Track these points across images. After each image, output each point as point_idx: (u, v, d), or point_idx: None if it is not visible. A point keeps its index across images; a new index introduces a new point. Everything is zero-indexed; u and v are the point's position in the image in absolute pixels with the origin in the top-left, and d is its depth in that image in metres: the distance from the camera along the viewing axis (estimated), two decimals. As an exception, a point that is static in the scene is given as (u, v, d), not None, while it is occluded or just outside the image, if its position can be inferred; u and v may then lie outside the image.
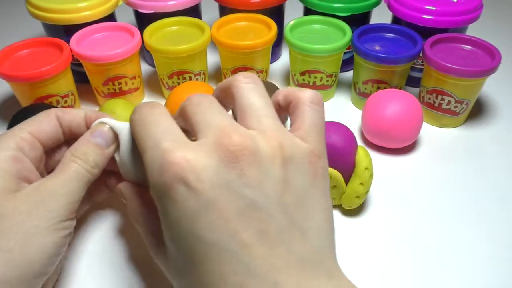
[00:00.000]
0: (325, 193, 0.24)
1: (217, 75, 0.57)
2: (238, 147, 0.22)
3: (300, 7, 0.56)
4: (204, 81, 0.52)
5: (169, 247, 0.24)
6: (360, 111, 0.50)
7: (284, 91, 0.27)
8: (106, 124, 0.31)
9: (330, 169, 0.35)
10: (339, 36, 0.49)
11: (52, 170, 0.29)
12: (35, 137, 0.29)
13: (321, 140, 0.25)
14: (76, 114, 0.32)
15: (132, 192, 0.30)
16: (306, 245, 0.22)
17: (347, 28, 0.49)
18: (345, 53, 0.50)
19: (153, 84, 0.56)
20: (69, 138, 0.32)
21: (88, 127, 0.32)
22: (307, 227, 0.23)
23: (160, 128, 0.24)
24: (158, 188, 0.22)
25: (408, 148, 0.45)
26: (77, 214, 0.33)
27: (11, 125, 0.41)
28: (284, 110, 0.28)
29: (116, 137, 0.31)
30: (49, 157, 0.32)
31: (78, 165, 0.29)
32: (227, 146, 0.22)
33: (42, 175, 0.30)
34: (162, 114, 0.25)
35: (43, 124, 0.30)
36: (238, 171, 0.22)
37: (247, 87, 0.26)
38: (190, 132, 0.26)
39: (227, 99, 0.27)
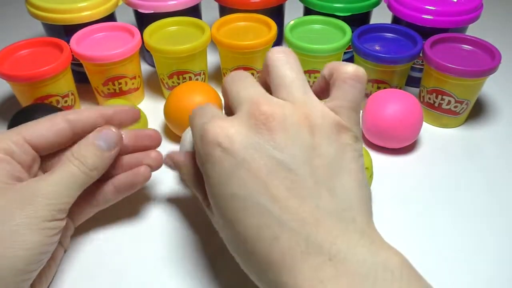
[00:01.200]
0: (357, 166, 0.25)
1: (217, 75, 0.57)
2: (266, 115, 0.24)
3: (300, 7, 0.56)
4: (204, 81, 0.52)
5: (212, 205, 0.26)
6: (360, 111, 0.50)
7: (329, 64, 0.28)
8: (111, 128, 0.31)
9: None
10: (339, 36, 0.49)
11: None
12: (28, 142, 0.29)
13: (353, 115, 0.26)
14: (88, 117, 0.32)
15: (186, 158, 0.32)
16: (335, 203, 0.23)
17: (347, 28, 0.49)
18: (345, 53, 0.50)
19: (153, 84, 0.56)
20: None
21: (107, 123, 0.32)
22: (335, 187, 0.24)
23: (204, 111, 0.28)
24: (200, 155, 0.26)
25: (408, 148, 0.45)
26: (76, 220, 0.33)
27: (11, 125, 0.41)
28: (328, 84, 0.29)
29: (120, 140, 0.32)
30: (55, 159, 0.32)
31: (74, 167, 0.29)
32: (257, 115, 0.24)
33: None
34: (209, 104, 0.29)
35: (42, 130, 0.30)
36: (267, 135, 0.24)
37: (279, 61, 0.27)
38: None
39: (266, 74, 0.29)
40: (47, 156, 0.32)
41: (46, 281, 0.30)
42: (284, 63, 0.27)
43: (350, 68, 0.27)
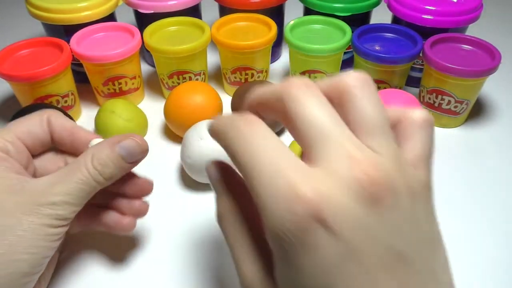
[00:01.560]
0: (438, 229, 0.21)
1: (217, 75, 0.57)
2: (375, 183, 0.18)
3: (300, 7, 0.56)
4: (204, 81, 0.52)
5: None
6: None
7: (391, 111, 0.22)
8: (136, 138, 0.29)
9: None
10: (339, 36, 0.49)
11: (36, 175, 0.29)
12: (21, 139, 0.29)
13: (431, 167, 0.22)
14: (65, 122, 0.31)
15: (230, 202, 0.23)
16: None
17: (347, 28, 0.49)
18: (345, 53, 0.50)
19: (153, 84, 0.56)
20: (57, 144, 0.31)
21: (80, 142, 0.31)
22: (437, 271, 0.20)
23: (272, 149, 0.19)
24: (284, 230, 0.18)
25: (408, 148, 0.45)
26: (73, 229, 0.32)
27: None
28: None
29: (144, 153, 0.30)
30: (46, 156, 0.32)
31: (89, 175, 0.27)
32: (363, 181, 0.18)
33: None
34: (267, 130, 0.20)
35: (33, 126, 0.30)
36: (379, 215, 0.18)
37: (362, 91, 0.20)
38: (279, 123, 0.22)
39: (279, 112, 0.21)
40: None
41: (45, 283, 0.30)
42: (368, 95, 0.20)
43: (419, 114, 0.22)
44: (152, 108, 0.51)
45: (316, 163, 0.19)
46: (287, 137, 0.47)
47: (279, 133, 0.47)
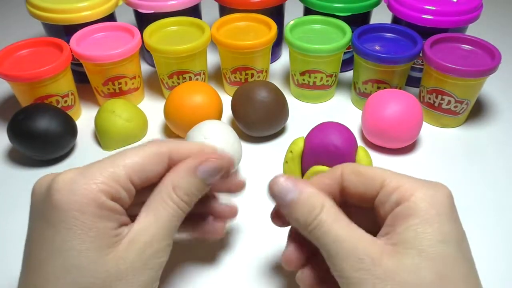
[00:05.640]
0: None
1: (217, 75, 0.57)
2: None
3: (300, 7, 0.56)
4: (204, 81, 0.52)
5: None
6: (360, 111, 0.50)
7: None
8: (214, 157, 0.27)
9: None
10: (339, 36, 0.49)
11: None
12: (131, 181, 0.25)
13: None
14: (191, 152, 0.27)
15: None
16: None
17: (347, 28, 0.49)
18: (345, 53, 0.50)
19: (153, 84, 0.56)
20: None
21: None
22: None
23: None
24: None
25: (408, 148, 0.45)
26: None
27: (11, 125, 0.41)
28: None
29: (220, 173, 0.27)
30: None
31: (177, 207, 0.25)
32: None
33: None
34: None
35: (148, 168, 0.25)
36: None
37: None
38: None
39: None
40: None
41: None
42: None
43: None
44: (152, 108, 0.51)
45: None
46: (284, 141, 0.47)
47: (276, 134, 0.47)
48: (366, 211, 0.27)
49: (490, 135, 0.47)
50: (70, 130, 0.43)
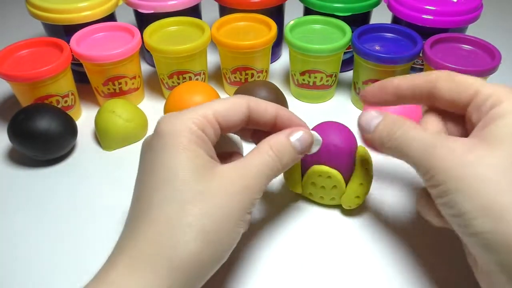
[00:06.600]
0: None
1: (217, 75, 0.57)
2: None
3: (300, 7, 0.56)
4: (204, 81, 0.52)
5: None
6: (360, 111, 0.50)
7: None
8: (309, 131, 0.31)
9: (330, 169, 0.35)
10: (339, 36, 0.49)
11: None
12: (219, 122, 0.28)
13: None
14: (268, 110, 0.30)
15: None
16: None
17: (347, 28, 0.49)
18: (345, 53, 0.50)
19: (153, 84, 0.56)
20: (246, 127, 0.31)
21: (278, 125, 0.31)
22: None
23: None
24: None
25: (408, 148, 0.45)
26: None
27: (11, 125, 0.41)
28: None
29: (310, 146, 0.31)
30: None
31: (271, 160, 0.28)
32: None
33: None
34: None
35: (231, 113, 0.28)
36: None
37: None
38: None
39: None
40: None
41: None
42: None
43: None
44: (152, 108, 0.51)
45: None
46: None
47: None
48: (454, 118, 0.30)
49: (490, 135, 0.47)
50: (70, 130, 0.43)
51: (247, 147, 0.36)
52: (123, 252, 0.24)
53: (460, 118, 0.30)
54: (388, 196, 0.40)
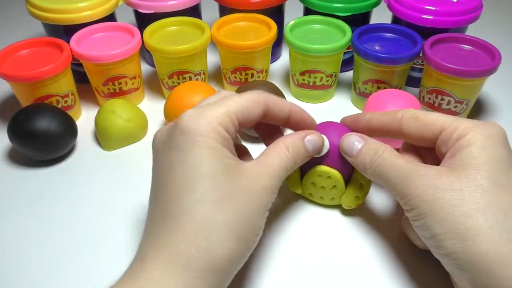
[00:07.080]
0: None
1: (217, 75, 0.57)
2: None
3: (300, 7, 0.56)
4: (204, 81, 0.52)
5: None
6: (360, 111, 0.50)
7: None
8: (321, 135, 0.33)
9: (330, 169, 0.35)
10: (339, 36, 0.49)
11: None
12: (238, 120, 0.29)
13: None
14: (283, 108, 0.31)
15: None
16: None
17: (347, 28, 0.49)
18: (345, 53, 0.50)
19: (153, 84, 0.56)
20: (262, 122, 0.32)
21: (290, 121, 0.32)
22: None
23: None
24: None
25: (408, 148, 0.45)
26: None
27: (11, 125, 0.41)
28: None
29: (319, 150, 0.33)
30: None
31: (287, 159, 0.29)
32: None
33: None
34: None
35: (250, 111, 0.29)
36: None
37: None
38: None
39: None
40: None
41: None
42: None
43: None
44: (152, 108, 0.51)
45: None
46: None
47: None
48: (424, 150, 0.33)
49: (490, 135, 0.47)
50: (70, 130, 0.43)
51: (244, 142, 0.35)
52: (159, 250, 0.25)
53: (432, 148, 0.31)
54: (388, 196, 0.40)
